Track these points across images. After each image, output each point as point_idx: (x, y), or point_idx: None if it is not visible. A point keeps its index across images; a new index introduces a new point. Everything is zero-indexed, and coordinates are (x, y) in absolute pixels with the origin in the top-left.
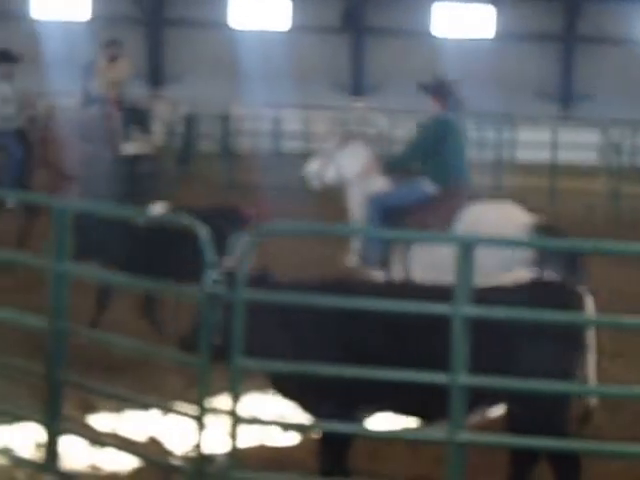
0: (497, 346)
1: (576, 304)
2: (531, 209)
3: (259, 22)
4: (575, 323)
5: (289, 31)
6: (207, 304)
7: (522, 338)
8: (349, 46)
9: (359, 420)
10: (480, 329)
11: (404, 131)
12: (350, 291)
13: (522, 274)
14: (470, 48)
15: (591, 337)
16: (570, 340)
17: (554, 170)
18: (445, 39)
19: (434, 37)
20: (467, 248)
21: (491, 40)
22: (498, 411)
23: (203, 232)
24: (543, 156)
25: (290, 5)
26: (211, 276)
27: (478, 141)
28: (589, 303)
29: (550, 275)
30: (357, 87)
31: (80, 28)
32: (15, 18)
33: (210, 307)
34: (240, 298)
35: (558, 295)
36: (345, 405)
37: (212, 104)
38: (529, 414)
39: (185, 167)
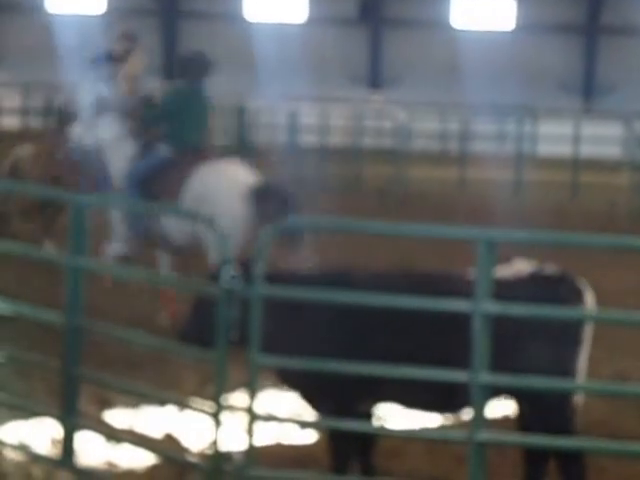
0: (500, 342)
1: (575, 298)
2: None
3: (275, 14)
4: (581, 319)
5: (306, 23)
6: (224, 300)
7: (524, 333)
8: (367, 38)
9: (367, 416)
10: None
11: (423, 124)
12: (353, 283)
13: (522, 266)
14: (490, 40)
15: (587, 332)
16: (569, 335)
17: (576, 164)
18: (464, 31)
19: (453, 29)
20: (489, 245)
21: (512, 32)
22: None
23: (218, 228)
24: (565, 150)
25: None
26: (228, 272)
27: (498, 134)
28: (589, 297)
29: (550, 268)
30: (375, 80)
31: (95, 21)
32: (30, 11)
33: (227, 303)
34: (257, 294)
35: (558, 289)
36: (350, 401)
37: (228, 97)
38: (539, 412)
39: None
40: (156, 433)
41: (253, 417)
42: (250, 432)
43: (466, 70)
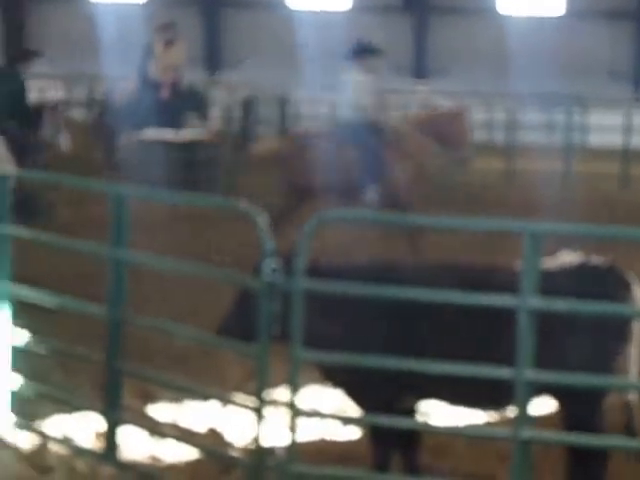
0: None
1: (624, 291)
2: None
3: (318, 2)
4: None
5: (349, 11)
6: (265, 293)
7: (567, 328)
8: (412, 26)
9: (410, 413)
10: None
11: (469, 114)
12: (398, 276)
13: (569, 258)
14: (539, 26)
15: (637, 328)
16: (616, 330)
17: (626, 155)
18: (512, 17)
19: (500, 15)
20: (535, 238)
21: (561, 17)
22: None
23: (261, 219)
24: (615, 140)
25: None
26: (269, 265)
27: (547, 124)
28: (638, 291)
29: (597, 260)
30: (420, 69)
31: (136, 10)
32: (72, 1)
33: (268, 296)
34: (299, 287)
35: (606, 281)
36: (394, 397)
37: (270, 88)
38: (579, 410)
39: (244, 153)
40: (199, 428)
41: (295, 413)
42: (292, 428)
43: (513, 58)
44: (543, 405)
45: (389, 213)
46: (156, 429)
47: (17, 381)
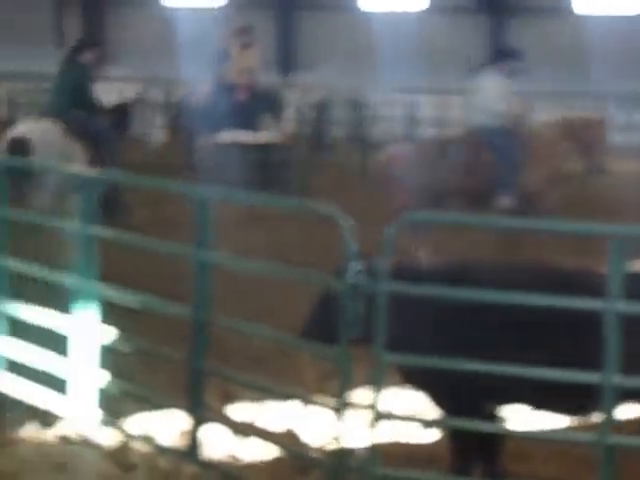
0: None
1: None
2: None
3: (392, 3)
4: None
5: (423, 12)
6: (349, 295)
7: None
8: (487, 27)
9: (492, 417)
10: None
11: (548, 115)
12: (480, 279)
13: None
14: (616, 25)
15: None
16: None
17: None
18: (588, 16)
19: (576, 14)
20: (621, 241)
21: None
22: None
23: (345, 222)
24: None
25: None
26: (354, 267)
27: (629, 124)
28: None
29: None
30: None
31: (212, 14)
32: (147, 5)
33: (352, 298)
34: (383, 290)
35: None
36: (477, 401)
37: (344, 90)
38: None
39: (318, 155)
40: (279, 428)
41: (377, 415)
42: (374, 429)
43: (592, 57)
44: (629, 410)
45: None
46: (237, 428)
47: (103, 379)
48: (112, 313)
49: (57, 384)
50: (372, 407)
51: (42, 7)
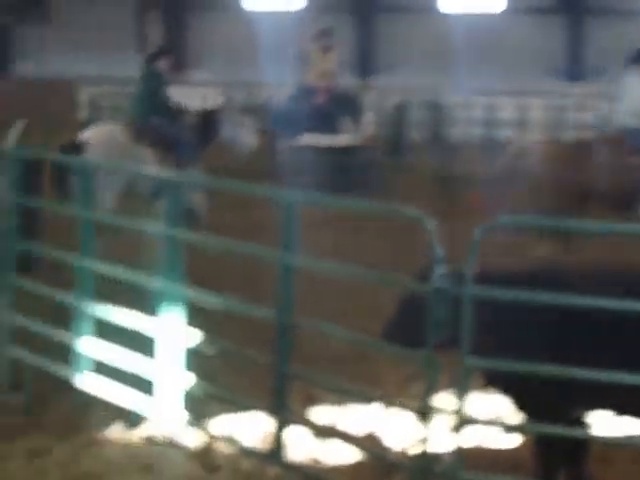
0: None
1: None
2: None
3: (471, 5)
4: None
5: (502, 13)
6: (434, 299)
7: None
8: (566, 28)
9: (577, 422)
10: None
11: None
12: (571, 283)
13: None
14: None
15: None
16: None
17: None
18: None
19: None
20: None
21: None
22: None
23: (431, 224)
24: None
25: None
26: (438, 271)
27: None
28: None
29: None
30: (575, 72)
31: (292, 17)
32: (229, 10)
33: (437, 302)
34: (469, 294)
35: None
36: (564, 407)
37: (423, 92)
38: None
39: (397, 157)
40: (361, 430)
41: (463, 419)
42: (458, 434)
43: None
44: None
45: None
46: (319, 431)
47: (188, 381)
48: (197, 315)
49: (143, 385)
50: (457, 411)
51: (124, 13)
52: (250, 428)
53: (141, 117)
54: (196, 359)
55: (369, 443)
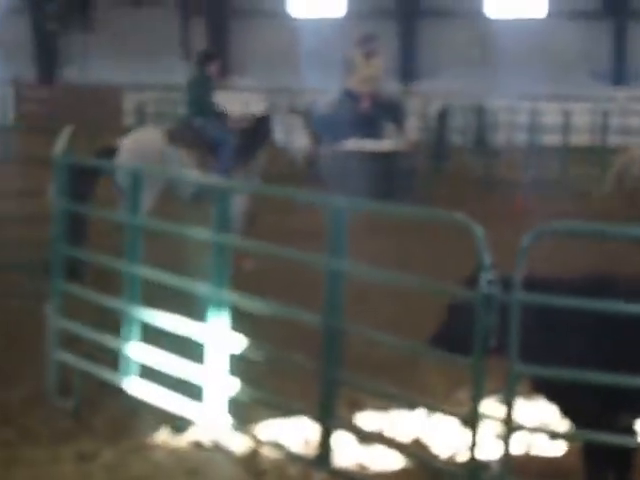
0: None
1: None
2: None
3: (515, 10)
4: None
5: (546, 18)
6: (482, 306)
7: None
8: (611, 32)
9: (626, 430)
10: None
11: None
12: (619, 290)
13: None
14: None
15: None
16: None
17: None
18: None
19: None
20: None
21: None
22: None
23: (478, 230)
24: None
25: None
26: (486, 277)
27: None
28: None
29: None
30: (619, 75)
31: (335, 24)
32: (272, 16)
33: (485, 309)
34: (516, 300)
35: None
36: (612, 414)
37: (466, 97)
38: None
39: (440, 163)
40: (407, 437)
41: (511, 427)
42: (506, 441)
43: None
44: None
45: None
46: (366, 437)
47: (235, 386)
48: (243, 320)
49: (189, 390)
50: (505, 418)
51: (167, 19)
52: (296, 433)
53: (187, 120)
54: (243, 364)
55: (416, 449)
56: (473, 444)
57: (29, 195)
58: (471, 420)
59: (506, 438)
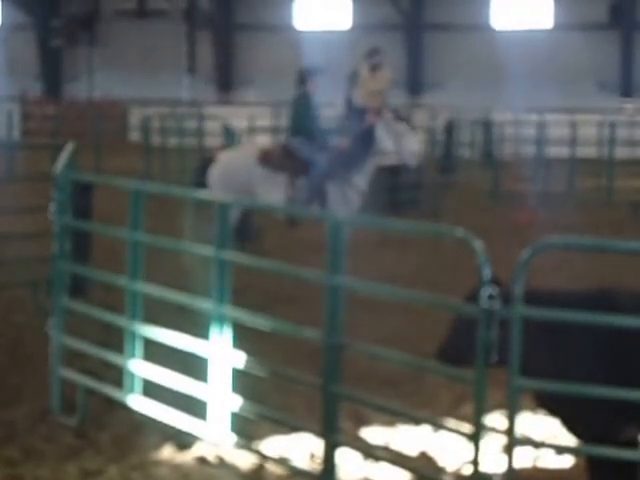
0: None
1: None
2: None
3: (521, 22)
4: None
5: (553, 29)
6: (483, 320)
7: None
8: (618, 43)
9: (630, 444)
10: None
11: None
12: (620, 304)
13: None
14: None
15: None
16: None
17: None
18: None
19: None
20: None
21: None
22: None
23: (478, 245)
24: None
25: (552, 2)
26: (487, 292)
27: None
28: None
29: None
30: (627, 87)
31: (340, 37)
32: (278, 30)
33: (486, 323)
34: (517, 314)
35: None
36: (614, 428)
37: (473, 110)
38: None
39: (447, 176)
40: (412, 451)
41: (513, 440)
42: (509, 455)
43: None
44: None
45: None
46: (370, 452)
47: (238, 402)
48: (245, 336)
49: (193, 406)
50: (508, 432)
51: (173, 34)
52: (300, 449)
53: (286, 139)
54: (246, 380)
55: (420, 464)
56: (477, 458)
57: (33, 212)
58: (474, 434)
59: (509, 451)
